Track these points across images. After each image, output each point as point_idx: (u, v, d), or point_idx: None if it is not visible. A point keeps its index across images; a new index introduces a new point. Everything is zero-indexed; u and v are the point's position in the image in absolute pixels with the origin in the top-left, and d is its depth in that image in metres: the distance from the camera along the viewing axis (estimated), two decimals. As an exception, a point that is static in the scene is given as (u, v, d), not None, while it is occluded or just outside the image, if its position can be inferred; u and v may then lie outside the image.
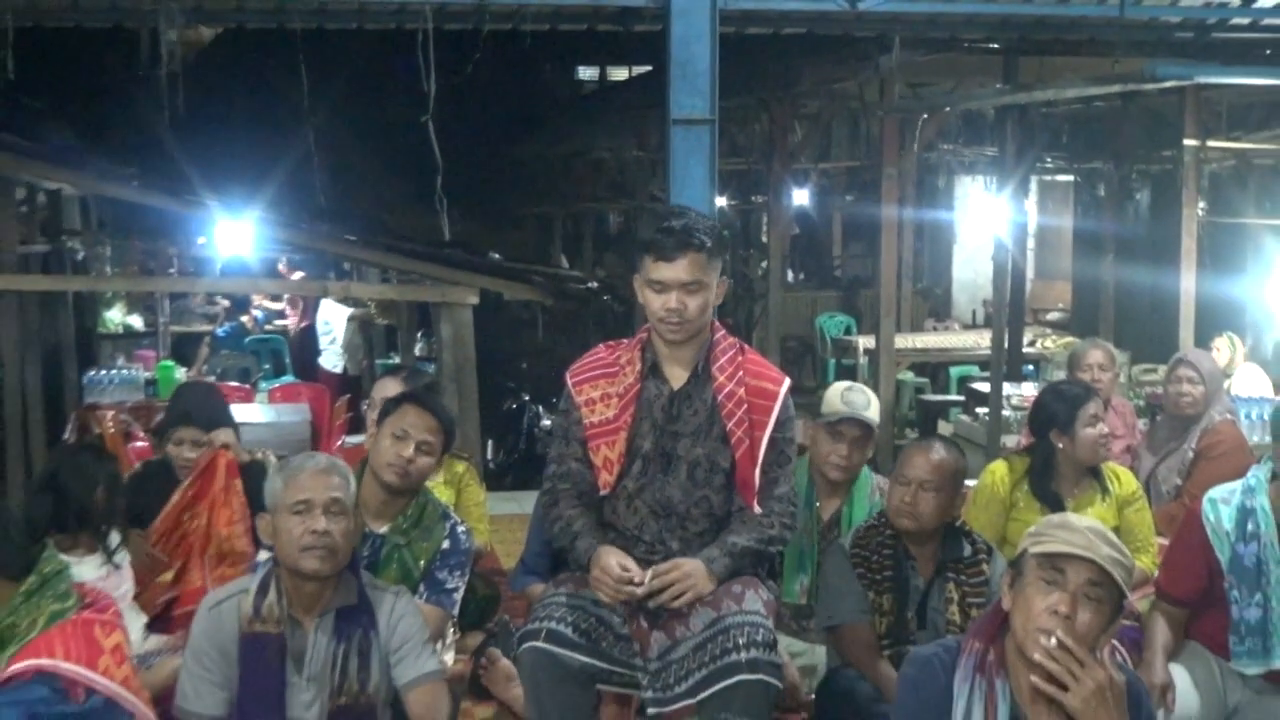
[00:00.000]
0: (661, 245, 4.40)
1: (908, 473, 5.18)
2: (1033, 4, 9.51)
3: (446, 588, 5.32)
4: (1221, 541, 4.99)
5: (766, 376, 4.60)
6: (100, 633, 3.39)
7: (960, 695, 3.52)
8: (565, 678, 4.35)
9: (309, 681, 4.34)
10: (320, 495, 4.31)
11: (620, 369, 4.56)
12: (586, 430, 4.54)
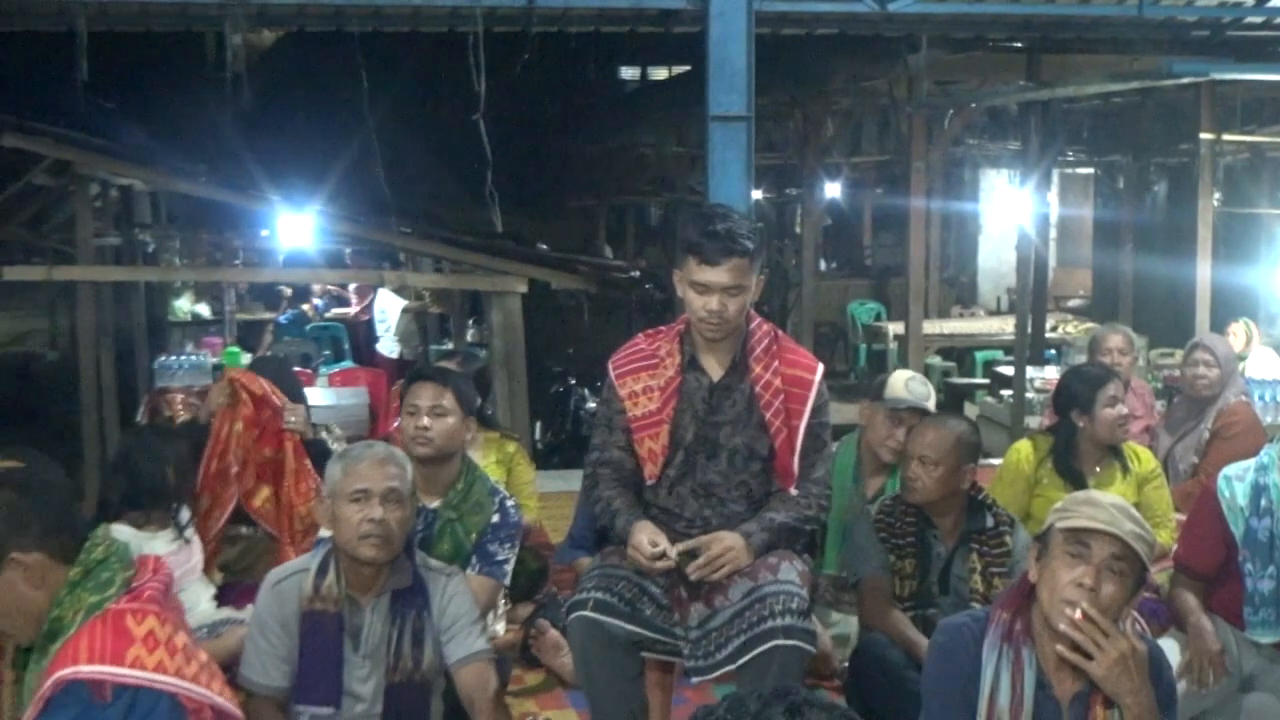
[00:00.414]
0: (706, 249, 4.37)
1: (911, 448, 5.25)
2: (1055, 4, 9.47)
3: (497, 559, 5.34)
4: (1236, 516, 4.97)
5: (801, 365, 4.57)
6: (132, 622, 3.33)
7: (988, 663, 3.51)
8: (612, 645, 4.36)
9: (365, 658, 4.36)
10: (378, 485, 4.31)
11: (660, 361, 4.54)
12: (630, 422, 4.52)
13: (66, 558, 3.44)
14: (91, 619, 3.33)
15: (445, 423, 5.33)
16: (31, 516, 3.44)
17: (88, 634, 3.30)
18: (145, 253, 16.33)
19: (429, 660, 4.40)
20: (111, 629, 3.30)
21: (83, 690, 3.24)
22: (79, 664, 3.25)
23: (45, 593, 3.41)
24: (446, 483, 5.36)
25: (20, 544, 3.39)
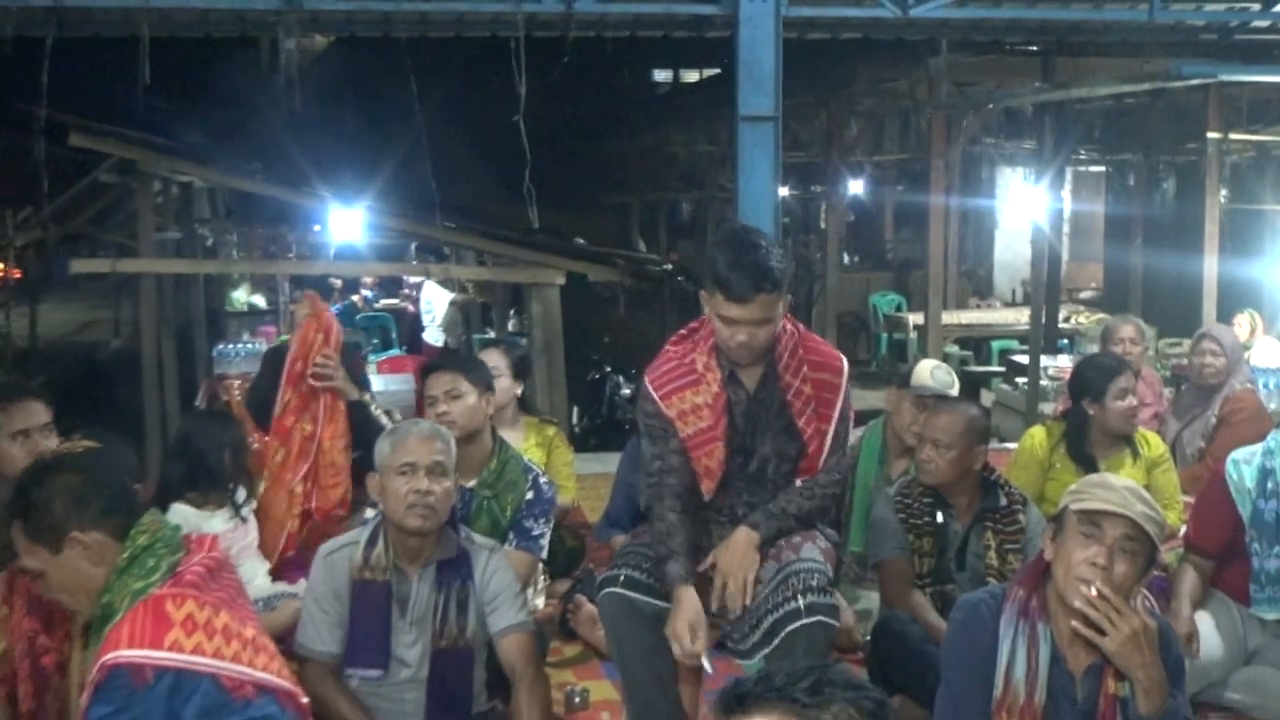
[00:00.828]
0: (735, 286, 4.17)
1: (924, 432, 5.22)
2: (1069, 10, 9.43)
3: (533, 534, 5.37)
4: (1244, 498, 4.96)
5: (828, 366, 4.45)
6: (171, 606, 3.35)
7: (1005, 637, 3.51)
8: (641, 620, 4.35)
9: (412, 625, 4.38)
10: (424, 458, 4.34)
11: (701, 376, 4.39)
12: (684, 440, 4.39)
13: (124, 535, 3.47)
14: (134, 605, 3.36)
15: (463, 403, 5.37)
16: (91, 497, 3.47)
17: (130, 620, 3.32)
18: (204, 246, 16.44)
19: (472, 628, 4.41)
20: (152, 614, 3.32)
21: (126, 676, 3.26)
22: (120, 649, 3.27)
23: (105, 570, 3.45)
24: (480, 462, 5.39)
25: (81, 524, 3.43)
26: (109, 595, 3.41)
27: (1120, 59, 11.78)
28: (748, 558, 4.29)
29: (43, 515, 3.46)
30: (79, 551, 3.43)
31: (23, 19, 8.08)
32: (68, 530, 3.42)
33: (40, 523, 3.46)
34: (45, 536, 3.46)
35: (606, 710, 5.17)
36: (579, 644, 5.83)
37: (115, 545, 3.45)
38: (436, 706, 4.41)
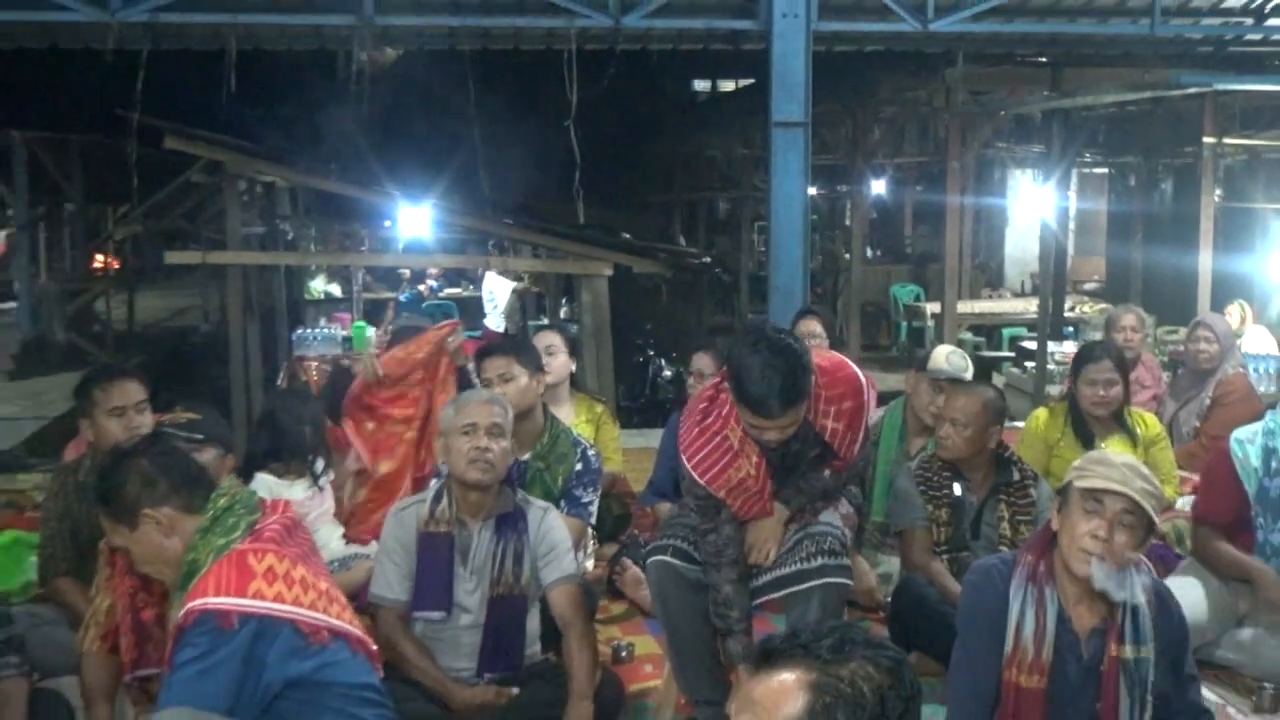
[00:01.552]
0: (763, 405, 4.02)
1: (944, 412, 5.24)
2: (1076, 25, 9.38)
3: (583, 501, 5.46)
4: (1249, 475, 4.92)
5: (850, 394, 4.33)
6: (253, 559, 3.41)
7: (1015, 599, 3.51)
8: (685, 586, 4.38)
9: (472, 574, 4.45)
10: (484, 420, 4.44)
11: (739, 451, 4.26)
12: (735, 510, 4.32)
13: (192, 509, 3.54)
14: (219, 558, 3.41)
15: (515, 385, 5.45)
16: (159, 478, 3.56)
17: (216, 572, 3.39)
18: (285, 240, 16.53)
19: (527, 578, 4.47)
20: (236, 566, 3.38)
21: (213, 620, 3.31)
22: (208, 596, 3.33)
23: (178, 540, 3.52)
24: (533, 436, 5.46)
25: (151, 501, 3.52)
26: (194, 553, 3.47)
27: (1123, 69, 11.70)
28: (775, 530, 4.35)
29: (118, 498, 3.56)
30: (152, 526, 3.52)
31: (123, 34, 8.14)
32: (140, 509, 3.52)
33: (117, 504, 3.56)
34: (122, 516, 3.56)
35: (650, 663, 5.20)
36: (625, 602, 5.87)
37: (185, 517, 3.53)
38: (491, 649, 4.47)
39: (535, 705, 4.39)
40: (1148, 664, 3.48)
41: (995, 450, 5.22)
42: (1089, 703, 3.48)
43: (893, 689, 2.06)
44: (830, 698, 2.03)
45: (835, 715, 2.03)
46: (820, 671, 2.06)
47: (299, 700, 3.46)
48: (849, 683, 2.05)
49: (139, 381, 5.08)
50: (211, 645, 3.31)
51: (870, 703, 2.04)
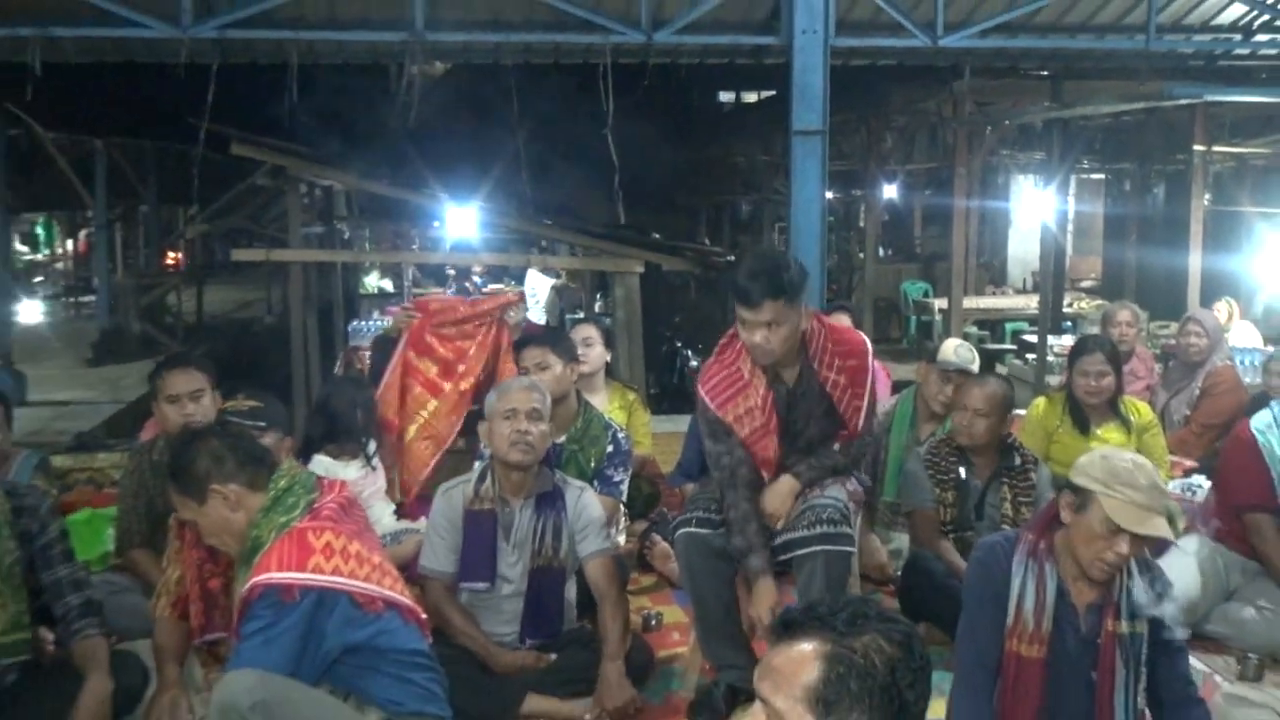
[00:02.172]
0: (746, 293, 4.18)
1: (966, 402, 5.18)
2: (1075, 40, 9.33)
3: (614, 481, 5.47)
4: (1275, 461, 4.88)
5: (854, 352, 4.39)
6: (312, 536, 3.45)
7: (1017, 574, 3.49)
8: (710, 554, 4.38)
9: (514, 548, 4.48)
10: (524, 405, 4.47)
11: (748, 383, 4.36)
12: (742, 439, 4.38)
13: (257, 486, 3.58)
14: (281, 536, 3.45)
15: (551, 373, 5.48)
16: (228, 456, 3.60)
17: (278, 548, 3.43)
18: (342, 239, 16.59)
19: (564, 551, 4.51)
20: (296, 543, 3.43)
21: (276, 594, 3.36)
22: (270, 571, 3.38)
23: (243, 515, 3.56)
24: (568, 420, 5.48)
25: (219, 478, 3.56)
26: (257, 530, 3.51)
27: (1119, 82, 11.62)
28: (787, 500, 4.35)
29: (189, 474, 3.59)
30: (219, 501, 3.56)
31: (194, 48, 8.17)
32: (209, 484, 3.56)
33: (187, 480, 3.60)
34: (192, 491, 3.60)
35: (676, 631, 5.20)
36: (654, 575, 5.88)
37: (250, 494, 3.57)
38: (532, 617, 4.50)
39: (572, 668, 4.42)
40: (1141, 639, 3.46)
41: (1001, 436, 5.21)
42: (1085, 672, 3.46)
43: (903, 661, 2.07)
44: (844, 668, 2.04)
45: (848, 684, 2.04)
46: (835, 643, 2.07)
47: (355, 665, 3.51)
48: (862, 654, 2.06)
49: (201, 371, 5.09)
50: (275, 617, 3.35)
51: (881, 673, 2.05)
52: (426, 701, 3.64)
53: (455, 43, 8.89)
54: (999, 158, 19.39)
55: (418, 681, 3.61)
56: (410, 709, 3.59)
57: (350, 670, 3.52)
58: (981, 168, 16.89)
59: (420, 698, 3.62)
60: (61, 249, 30.94)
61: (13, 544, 4.06)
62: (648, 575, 5.88)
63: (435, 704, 3.67)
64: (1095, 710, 3.47)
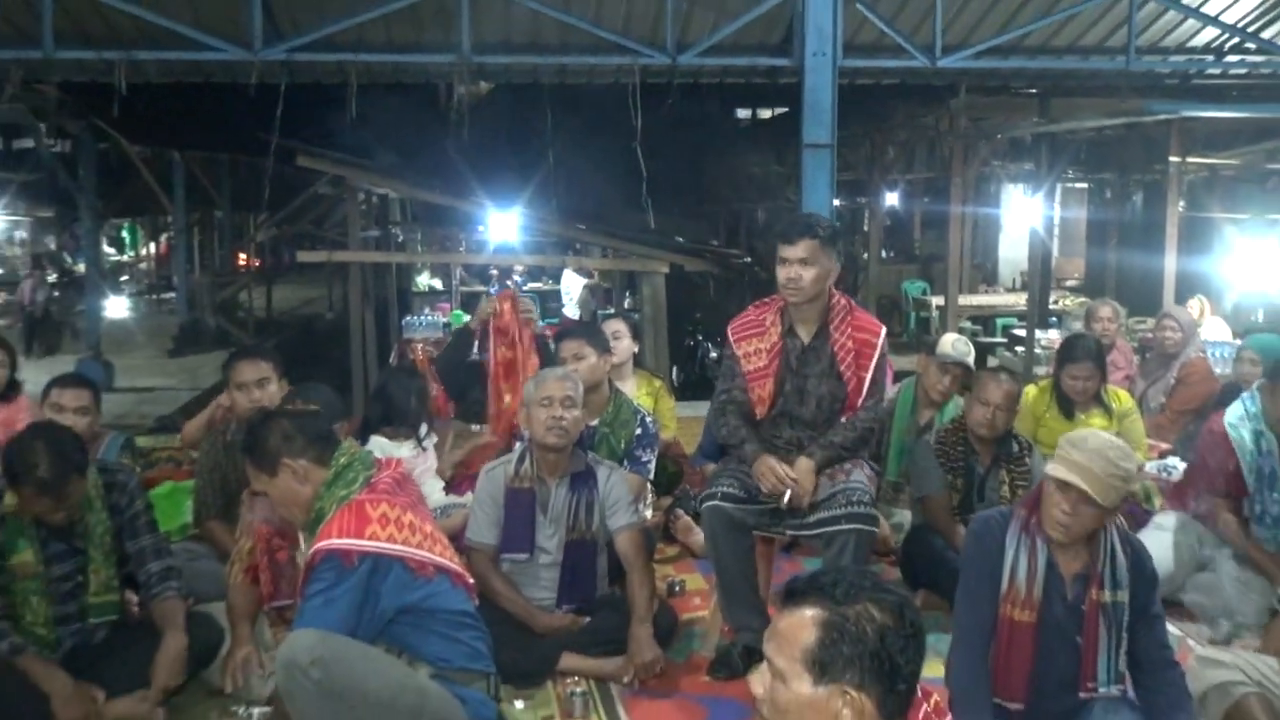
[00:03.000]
0: (786, 231, 4.39)
1: (988, 398, 5.16)
2: (1062, 61, 9.26)
3: (642, 460, 5.49)
4: (1245, 453, 4.88)
5: (868, 330, 4.47)
6: (369, 508, 3.48)
7: (1010, 546, 3.48)
8: (733, 525, 4.38)
9: (551, 522, 4.52)
10: (559, 393, 4.49)
11: (766, 329, 4.47)
12: (745, 374, 4.48)
13: (323, 462, 3.60)
14: (341, 507, 3.48)
15: (586, 363, 5.50)
16: (297, 434, 3.62)
17: (338, 518, 3.45)
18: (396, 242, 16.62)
19: (596, 525, 4.54)
20: (355, 514, 3.45)
21: (336, 559, 3.38)
22: (332, 539, 3.40)
23: (309, 488, 3.58)
24: (600, 406, 5.49)
25: (289, 453, 3.58)
26: (320, 502, 3.54)
27: (1101, 99, 11.53)
28: (810, 476, 4.33)
29: (263, 449, 3.61)
30: (289, 474, 3.58)
31: (264, 70, 8.20)
32: (280, 459, 3.58)
33: (261, 454, 3.62)
34: (264, 464, 3.62)
35: (698, 597, 5.21)
36: (677, 546, 5.90)
37: (317, 469, 3.59)
38: (567, 584, 4.54)
39: (604, 630, 4.44)
40: (1123, 607, 3.45)
41: None
42: (1072, 636, 3.45)
43: (893, 628, 2.09)
44: (837, 633, 2.08)
45: (841, 649, 2.07)
46: (832, 611, 2.10)
47: (409, 624, 3.52)
48: (854, 621, 2.08)
49: (268, 361, 5.12)
50: (336, 580, 3.37)
51: (871, 639, 2.07)
52: (473, 659, 3.65)
53: (498, 65, 8.90)
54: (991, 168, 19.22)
55: (465, 640, 3.63)
56: (458, 665, 3.60)
57: (403, 629, 3.53)
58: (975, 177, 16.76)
59: (467, 655, 3.63)
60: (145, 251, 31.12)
61: (104, 515, 4.10)
62: (672, 546, 5.89)
63: (481, 661, 3.68)
64: (1080, 670, 3.46)
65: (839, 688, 2.05)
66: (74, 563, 4.06)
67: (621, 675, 4.31)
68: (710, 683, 4.36)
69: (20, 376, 5.84)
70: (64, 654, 4.03)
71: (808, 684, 2.07)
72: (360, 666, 3.32)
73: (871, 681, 2.05)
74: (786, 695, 2.09)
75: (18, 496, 3.93)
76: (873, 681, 2.05)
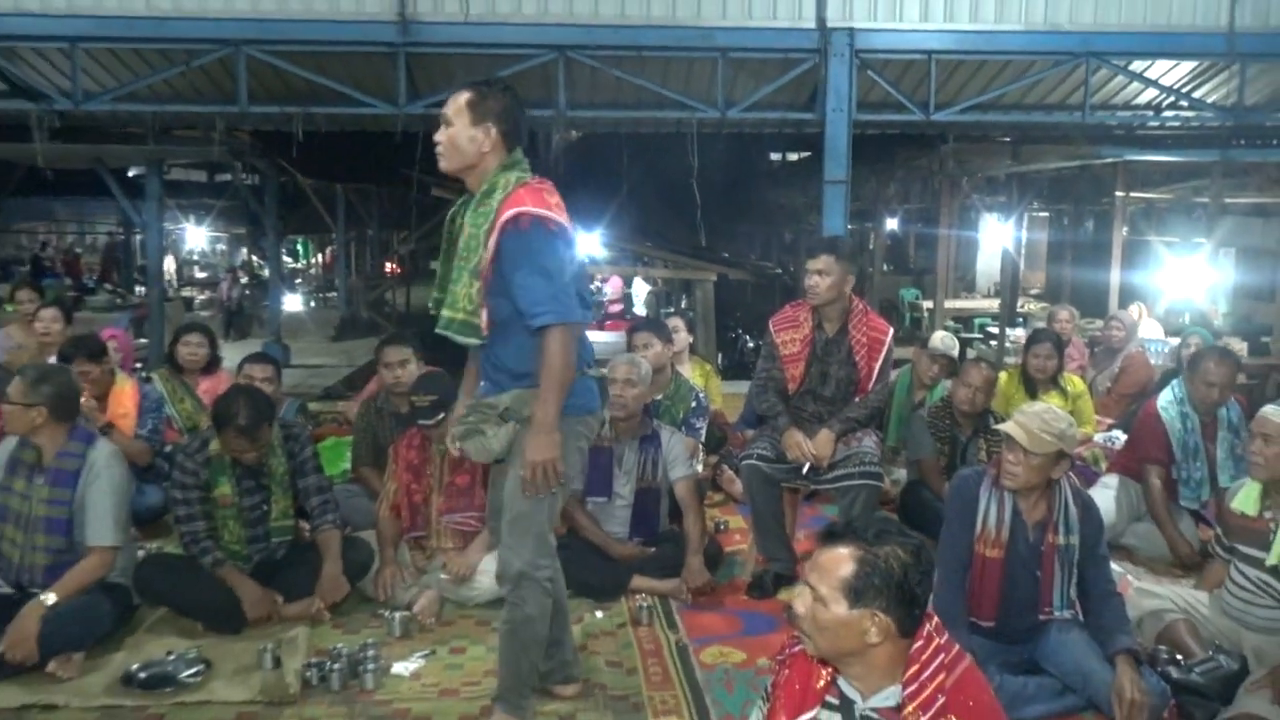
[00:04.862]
0: (810, 248, 4.39)
1: (970, 381, 5.10)
2: (1030, 116, 9.10)
3: (695, 427, 5.49)
4: (1174, 430, 4.81)
5: (879, 330, 4.41)
6: (546, 195, 2.97)
7: (982, 498, 3.44)
8: (766, 479, 4.37)
9: (625, 474, 4.51)
10: (623, 376, 4.49)
11: (799, 323, 4.42)
12: (781, 358, 4.42)
13: (509, 145, 3.06)
14: (517, 186, 2.97)
15: (653, 350, 5.45)
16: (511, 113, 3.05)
17: (524, 191, 2.95)
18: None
19: (660, 476, 4.52)
20: (532, 194, 2.96)
21: (518, 220, 2.91)
22: (526, 205, 2.92)
23: (492, 159, 3.03)
24: (664, 385, 5.50)
25: (495, 117, 3.01)
26: (496, 176, 3.02)
27: (1061, 145, 11.32)
28: (828, 445, 4.29)
29: (485, 105, 3.02)
30: (482, 133, 3.01)
31: (406, 121, 8.26)
32: (487, 117, 3.01)
33: (482, 109, 3.01)
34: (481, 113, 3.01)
35: (738, 534, 5.19)
36: (722, 494, 5.87)
37: (503, 146, 3.05)
38: (637, 521, 4.52)
39: (665, 557, 4.43)
40: (1074, 549, 3.40)
41: None
42: (1032, 570, 3.41)
43: (913, 565, 2.11)
44: (870, 568, 2.09)
45: (873, 580, 2.08)
46: (865, 550, 2.11)
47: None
48: (884, 559, 2.09)
49: (408, 346, 5.14)
50: (545, 243, 2.93)
51: (897, 573, 2.09)
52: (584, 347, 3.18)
53: (585, 117, 8.89)
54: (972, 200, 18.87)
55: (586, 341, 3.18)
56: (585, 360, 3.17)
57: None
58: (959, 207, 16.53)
59: (589, 351, 3.21)
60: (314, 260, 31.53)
61: (283, 460, 4.17)
62: (718, 494, 5.86)
63: (587, 354, 3.18)
64: (1039, 597, 3.42)
65: (869, 611, 2.08)
66: (260, 496, 4.13)
67: (678, 593, 4.30)
68: (747, 600, 4.35)
69: (221, 355, 5.95)
70: (252, 567, 4.11)
71: (844, 607, 2.08)
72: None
73: (895, 606, 2.08)
74: (826, 615, 2.10)
75: (221, 439, 4.01)
76: (896, 606, 2.08)
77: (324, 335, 17.96)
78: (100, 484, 3.72)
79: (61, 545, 3.72)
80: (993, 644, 3.40)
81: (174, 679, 3.47)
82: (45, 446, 3.75)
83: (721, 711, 3.33)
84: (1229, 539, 3.69)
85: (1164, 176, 13.47)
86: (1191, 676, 3.28)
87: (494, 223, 2.91)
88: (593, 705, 3.37)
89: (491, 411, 3.00)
